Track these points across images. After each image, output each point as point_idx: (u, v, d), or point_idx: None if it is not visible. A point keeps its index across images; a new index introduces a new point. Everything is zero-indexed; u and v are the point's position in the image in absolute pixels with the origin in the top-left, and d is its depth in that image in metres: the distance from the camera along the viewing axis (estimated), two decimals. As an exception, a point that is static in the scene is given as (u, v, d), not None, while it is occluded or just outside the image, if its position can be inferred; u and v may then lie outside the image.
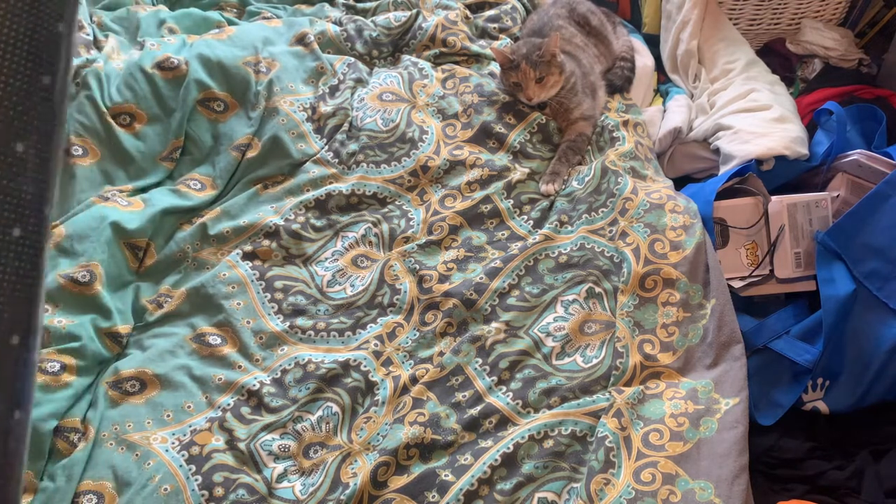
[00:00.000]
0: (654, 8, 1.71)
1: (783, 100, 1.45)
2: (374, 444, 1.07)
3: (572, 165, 1.39)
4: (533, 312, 1.18)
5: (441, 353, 1.15)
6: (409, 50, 1.59)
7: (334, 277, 1.25)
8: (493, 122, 1.41)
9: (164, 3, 1.69)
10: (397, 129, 1.40)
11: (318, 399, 1.12)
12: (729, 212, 1.26)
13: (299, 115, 1.40)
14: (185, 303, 1.20)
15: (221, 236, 1.27)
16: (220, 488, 1.01)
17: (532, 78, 1.38)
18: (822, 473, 1.07)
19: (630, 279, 1.16)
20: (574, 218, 1.30)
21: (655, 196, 1.25)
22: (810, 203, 1.23)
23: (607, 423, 1.03)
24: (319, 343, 1.18)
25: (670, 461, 1.00)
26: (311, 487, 1.03)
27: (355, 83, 1.48)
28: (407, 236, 1.29)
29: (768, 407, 1.14)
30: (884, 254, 1.14)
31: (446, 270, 1.24)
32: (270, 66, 1.43)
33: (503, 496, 0.99)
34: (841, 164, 1.30)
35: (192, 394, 1.10)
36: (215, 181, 1.34)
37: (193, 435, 1.06)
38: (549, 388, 1.09)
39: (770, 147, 1.32)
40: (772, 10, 1.65)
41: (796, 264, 1.22)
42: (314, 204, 1.32)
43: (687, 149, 1.50)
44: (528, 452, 1.03)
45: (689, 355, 1.12)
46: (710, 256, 1.18)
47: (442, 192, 1.34)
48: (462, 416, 1.08)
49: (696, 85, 1.58)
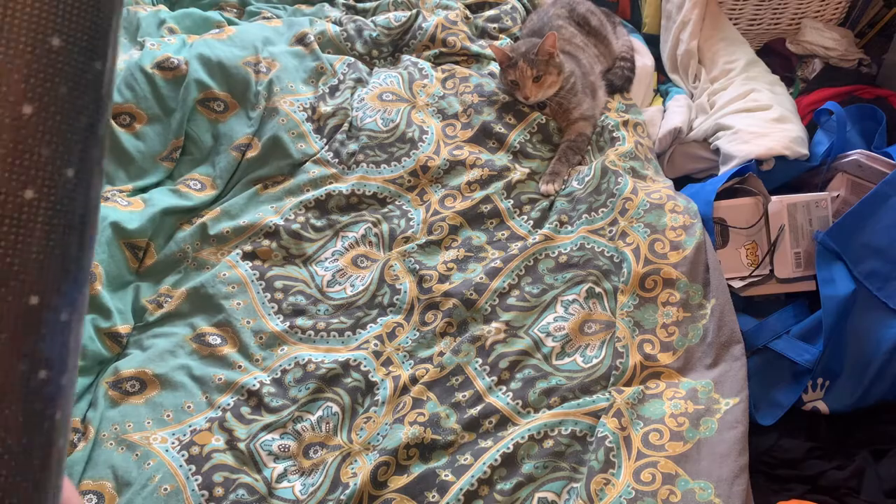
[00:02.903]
0: (654, 8, 1.71)
1: (783, 100, 1.45)
2: (373, 444, 1.07)
3: (572, 165, 1.39)
4: (533, 312, 1.18)
5: (441, 353, 1.15)
6: (409, 50, 1.59)
7: (334, 277, 1.25)
8: (493, 122, 1.41)
9: (164, 3, 1.69)
10: (397, 129, 1.40)
11: (318, 399, 1.12)
12: (729, 212, 1.26)
13: (299, 115, 1.40)
14: (185, 303, 1.20)
15: (221, 236, 1.27)
16: (220, 488, 1.01)
17: (529, 76, 1.38)
18: (822, 473, 1.07)
19: (630, 279, 1.16)
20: (574, 218, 1.29)
21: (655, 196, 1.25)
22: (810, 203, 1.23)
23: (607, 423, 1.03)
24: (319, 343, 1.18)
25: (670, 461, 1.00)
26: (311, 487, 1.03)
27: (355, 83, 1.48)
28: (407, 236, 1.29)
29: (768, 407, 1.14)
30: (884, 254, 1.14)
31: (446, 270, 1.24)
32: (270, 66, 1.43)
33: (503, 496, 0.99)
34: (841, 164, 1.30)
35: (192, 394, 1.10)
36: (215, 181, 1.34)
37: (193, 435, 1.06)
38: (549, 388, 1.09)
39: (770, 147, 1.32)
40: (772, 10, 1.65)
41: (796, 264, 1.22)
42: (314, 204, 1.32)
43: (687, 149, 1.50)
44: (528, 452, 1.03)
45: (689, 355, 1.12)
46: (710, 256, 1.18)
47: (442, 192, 1.34)
48: (462, 416, 1.08)
49: (696, 85, 1.58)
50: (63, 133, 0.31)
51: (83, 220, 0.33)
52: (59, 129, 0.31)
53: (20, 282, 0.30)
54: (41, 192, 0.30)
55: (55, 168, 0.31)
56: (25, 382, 0.31)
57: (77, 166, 0.32)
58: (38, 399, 0.32)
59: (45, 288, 0.31)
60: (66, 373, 0.33)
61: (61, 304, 0.32)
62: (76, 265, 0.33)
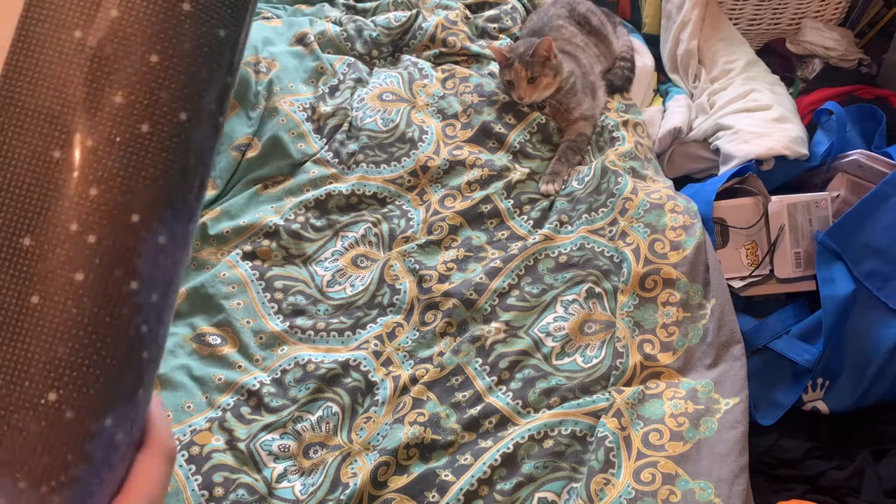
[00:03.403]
0: (654, 8, 1.71)
1: (783, 100, 1.45)
2: (373, 444, 1.07)
3: (572, 165, 1.39)
4: (533, 312, 1.18)
5: (441, 353, 1.15)
6: (409, 50, 1.59)
7: (334, 277, 1.25)
8: (493, 122, 1.41)
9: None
10: (397, 129, 1.40)
11: (317, 399, 1.12)
12: (729, 212, 1.26)
13: (299, 115, 1.40)
14: (185, 303, 1.20)
15: (221, 236, 1.27)
16: (219, 488, 1.01)
17: (524, 77, 1.38)
18: (822, 473, 1.07)
19: (630, 279, 1.16)
20: (574, 218, 1.29)
21: (655, 196, 1.25)
22: (810, 203, 1.23)
23: (607, 423, 1.03)
24: (319, 343, 1.18)
25: (670, 461, 1.00)
26: (310, 487, 1.03)
27: (355, 83, 1.48)
28: (407, 236, 1.29)
29: (768, 407, 1.14)
30: (884, 254, 1.14)
31: (446, 270, 1.24)
32: (270, 66, 1.43)
33: (503, 496, 0.99)
34: (841, 164, 1.30)
35: (192, 394, 1.10)
36: (215, 181, 1.34)
37: (193, 435, 1.06)
38: (549, 388, 1.09)
39: (770, 147, 1.32)
40: (772, 10, 1.65)
41: (796, 264, 1.22)
42: (314, 204, 1.32)
43: (687, 149, 1.50)
44: (528, 452, 1.03)
45: (689, 355, 1.12)
46: (710, 256, 1.18)
47: (442, 192, 1.34)
48: (462, 416, 1.08)
49: (696, 85, 1.58)
50: (182, 82, 0.36)
51: (189, 162, 0.37)
52: (178, 78, 0.36)
53: (126, 200, 0.35)
54: (155, 128, 0.35)
55: (171, 110, 0.36)
56: (117, 287, 0.35)
57: (190, 113, 0.36)
58: (126, 305, 0.35)
59: (146, 211, 0.35)
60: (156, 292, 0.36)
61: (160, 229, 0.36)
62: (180, 201, 0.37)
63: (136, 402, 0.37)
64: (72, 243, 0.34)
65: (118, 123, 0.35)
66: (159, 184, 0.36)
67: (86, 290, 0.34)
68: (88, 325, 0.34)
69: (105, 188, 0.34)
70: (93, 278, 0.34)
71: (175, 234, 0.37)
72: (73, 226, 0.34)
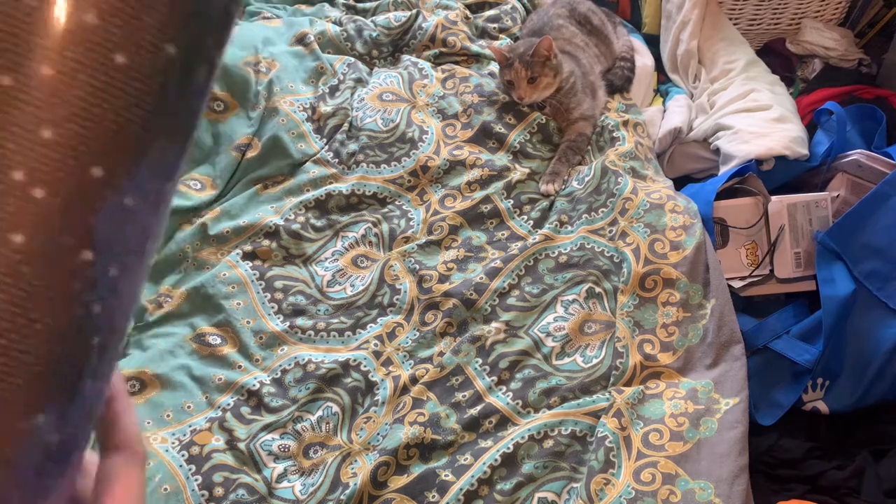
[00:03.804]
0: (654, 8, 1.71)
1: (783, 100, 1.45)
2: (373, 444, 1.07)
3: (572, 165, 1.39)
4: (533, 312, 1.18)
5: (441, 353, 1.15)
6: (409, 50, 1.59)
7: (334, 277, 1.25)
8: (493, 122, 1.41)
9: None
10: (397, 129, 1.40)
11: (317, 399, 1.12)
12: (729, 212, 1.26)
13: (299, 115, 1.40)
14: (185, 303, 1.20)
15: (221, 236, 1.27)
16: (220, 488, 1.01)
17: (524, 77, 1.38)
18: (822, 473, 1.07)
19: (630, 279, 1.16)
20: (574, 218, 1.29)
21: (655, 196, 1.25)
22: (810, 203, 1.23)
23: (607, 423, 1.03)
24: (319, 343, 1.18)
25: (670, 461, 1.00)
26: (311, 487, 1.03)
27: (355, 83, 1.48)
28: (407, 236, 1.29)
29: (768, 407, 1.14)
30: (884, 254, 1.14)
31: (446, 270, 1.24)
32: (270, 66, 1.43)
33: (503, 496, 0.99)
34: (841, 164, 1.30)
35: (192, 394, 1.10)
36: (215, 181, 1.34)
37: (193, 435, 1.06)
38: (549, 388, 1.09)
39: (770, 147, 1.32)
40: (772, 10, 1.65)
41: (796, 264, 1.22)
42: (314, 204, 1.32)
43: (687, 149, 1.50)
44: (528, 452, 1.03)
45: (689, 355, 1.12)
46: (710, 256, 1.18)
47: (442, 192, 1.34)
48: (462, 416, 1.08)
49: (696, 85, 1.58)
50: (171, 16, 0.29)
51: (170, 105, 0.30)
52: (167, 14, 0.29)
53: (87, 147, 0.28)
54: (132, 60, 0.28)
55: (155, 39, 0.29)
56: (65, 256, 0.28)
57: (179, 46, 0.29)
58: (75, 278, 0.29)
59: (111, 163, 0.29)
60: (115, 264, 0.30)
61: (127, 187, 0.29)
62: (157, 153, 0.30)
63: (82, 398, 0.30)
64: (13, 196, 0.27)
65: (86, 50, 0.28)
66: (131, 130, 0.29)
67: (24, 255, 0.27)
68: (23, 300, 0.28)
69: (62, 131, 0.28)
70: (35, 242, 0.27)
71: (146, 194, 0.30)
72: (17, 174, 0.27)
